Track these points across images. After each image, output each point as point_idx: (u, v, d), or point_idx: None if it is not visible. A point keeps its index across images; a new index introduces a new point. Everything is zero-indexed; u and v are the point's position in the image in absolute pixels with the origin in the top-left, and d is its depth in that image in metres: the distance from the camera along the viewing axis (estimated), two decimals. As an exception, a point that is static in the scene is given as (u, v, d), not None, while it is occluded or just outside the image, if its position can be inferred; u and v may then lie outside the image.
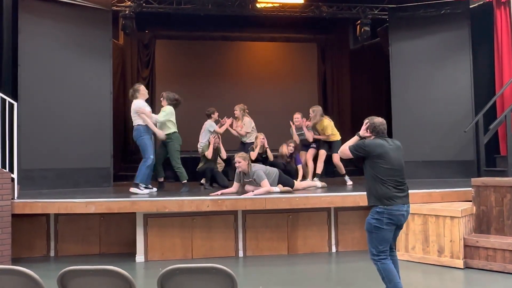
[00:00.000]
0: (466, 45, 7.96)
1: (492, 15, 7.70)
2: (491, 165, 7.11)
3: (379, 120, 3.86)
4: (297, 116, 7.39)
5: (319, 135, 7.36)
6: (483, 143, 6.76)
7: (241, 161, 5.97)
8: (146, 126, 6.27)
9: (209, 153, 7.08)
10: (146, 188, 6.30)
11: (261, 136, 7.29)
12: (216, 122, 7.67)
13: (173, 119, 6.54)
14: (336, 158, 7.23)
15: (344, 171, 7.35)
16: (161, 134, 6.44)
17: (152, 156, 6.27)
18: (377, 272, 5.09)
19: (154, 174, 6.76)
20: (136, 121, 6.31)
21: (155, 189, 6.50)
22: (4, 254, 5.18)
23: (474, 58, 7.95)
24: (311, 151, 7.41)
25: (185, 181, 6.50)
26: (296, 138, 7.39)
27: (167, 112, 6.48)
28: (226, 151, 7.47)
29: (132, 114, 6.37)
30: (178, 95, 6.74)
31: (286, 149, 7.17)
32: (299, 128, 7.42)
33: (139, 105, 6.33)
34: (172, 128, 6.50)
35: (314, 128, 7.37)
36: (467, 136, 7.49)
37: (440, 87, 8.02)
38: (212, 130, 7.47)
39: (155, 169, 6.67)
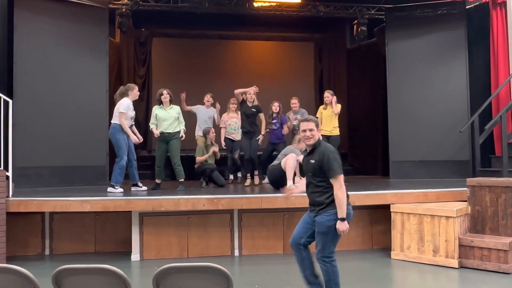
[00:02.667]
0: (462, 45, 7.99)
1: (488, 16, 7.73)
2: (486, 165, 7.15)
3: None
4: (295, 102, 7.68)
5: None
6: (479, 143, 6.79)
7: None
8: (121, 125, 6.23)
9: (199, 159, 7.15)
10: (135, 186, 6.43)
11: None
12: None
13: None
14: None
15: None
16: (135, 138, 6.37)
17: (125, 157, 6.24)
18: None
19: (152, 173, 6.76)
20: (115, 119, 6.28)
21: (145, 188, 6.46)
22: (-2, 252, 5.16)
23: (470, 58, 7.99)
24: None
25: (182, 179, 6.50)
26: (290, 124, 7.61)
27: (180, 111, 6.61)
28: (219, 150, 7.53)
29: (114, 111, 6.33)
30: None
31: (272, 109, 7.49)
32: (295, 112, 7.65)
33: (127, 104, 6.27)
34: (180, 126, 6.57)
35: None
36: (462, 136, 7.52)
37: (436, 87, 8.05)
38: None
39: (156, 170, 6.64)
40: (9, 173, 5.49)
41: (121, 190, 6.21)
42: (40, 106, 7.02)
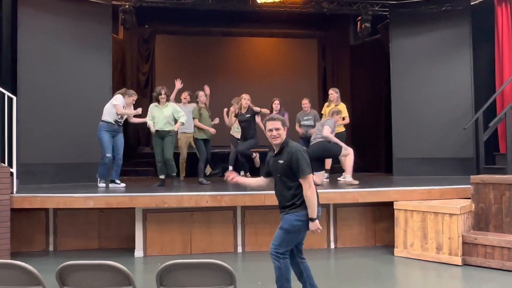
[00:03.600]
0: (466, 42, 7.95)
1: (493, 12, 7.68)
2: (490, 162, 7.12)
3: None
4: (305, 102, 7.71)
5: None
6: (483, 141, 6.76)
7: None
8: (108, 122, 6.39)
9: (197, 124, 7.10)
10: (113, 182, 6.54)
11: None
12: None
13: None
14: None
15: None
16: (133, 112, 6.54)
17: (108, 154, 6.35)
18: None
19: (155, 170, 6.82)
20: (104, 116, 6.42)
21: (123, 185, 6.53)
22: (3, 248, 5.18)
23: (475, 55, 7.94)
24: None
25: (174, 174, 6.61)
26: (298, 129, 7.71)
27: (176, 108, 6.65)
28: (219, 146, 7.58)
29: (106, 106, 6.46)
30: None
31: (271, 107, 7.43)
32: (306, 114, 7.70)
33: (120, 98, 6.46)
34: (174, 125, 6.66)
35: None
36: (466, 134, 7.50)
37: (440, 84, 8.02)
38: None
39: (158, 165, 6.65)
40: (13, 170, 5.51)
41: (103, 185, 6.43)
42: (44, 103, 7.04)
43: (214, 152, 9.15)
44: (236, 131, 7.96)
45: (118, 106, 6.42)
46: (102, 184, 6.45)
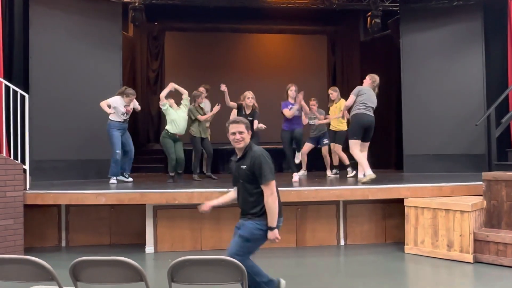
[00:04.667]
0: (478, 37, 7.85)
1: (506, 7, 7.57)
2: (502, 159, 7.04)
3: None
4: (313, 103, 7.75)
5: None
6: (495, 137, 6.69)
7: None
8: (116, 121, 6.59)
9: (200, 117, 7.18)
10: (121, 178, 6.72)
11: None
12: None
13: None
14: (338, 148, 7.44)
15: (348, 162, 7.41)
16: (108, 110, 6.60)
17: (118, 151, 6.54)
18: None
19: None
20: (111, 115, 6.61)
21: (131, 179, 6.88)
22: (16, 244, 5.27)
23: (487, 50, 7.85)
24: (326, 148, 7.77)
25: (181, 172, 6.93)
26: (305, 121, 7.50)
27: (185, 102, 7.06)
28: (223, 143, 7.64)
29: None
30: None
31: (287, 94, 7.14)
32: (313, 113, 7.73)
33: (116, 100, 6.63)
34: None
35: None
36: (478, 130, 7.42)
37: (452, 80, 7.94)
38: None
39: (173, 163, 6.83)
40: (26, 167, 5.58)
41: (115, 182, 6.54)
42: (56, 100, 7.11)
43: (223, 149, 9.20)
44: None
45: (105, 103, 6.54)
46: (113, 181, 6.54)
